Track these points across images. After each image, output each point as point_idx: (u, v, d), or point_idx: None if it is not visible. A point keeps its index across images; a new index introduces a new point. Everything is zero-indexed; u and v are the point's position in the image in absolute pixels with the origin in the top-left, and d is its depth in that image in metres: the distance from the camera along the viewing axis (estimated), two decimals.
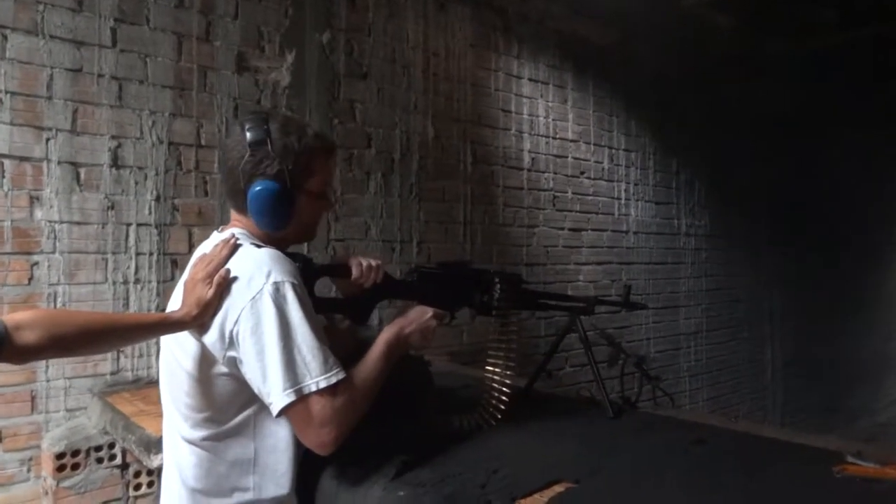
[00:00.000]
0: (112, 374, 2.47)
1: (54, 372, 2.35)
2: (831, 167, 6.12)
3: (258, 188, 1.22)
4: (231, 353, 1.16)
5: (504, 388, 1.58)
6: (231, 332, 1.15)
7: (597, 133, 4.63)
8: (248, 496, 1.23)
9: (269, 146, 1.22)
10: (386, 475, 1.32)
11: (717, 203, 5.63)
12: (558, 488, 1.26)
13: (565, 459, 1.41)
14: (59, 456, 2.17)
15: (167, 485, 1.31)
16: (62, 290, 2.38)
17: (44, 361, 2.33)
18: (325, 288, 1.49)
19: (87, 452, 2.21)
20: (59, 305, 2.35)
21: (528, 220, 4.09)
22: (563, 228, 4.32)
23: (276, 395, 1.12)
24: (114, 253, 2.49)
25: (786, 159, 5.80)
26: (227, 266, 1.19)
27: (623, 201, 4.83)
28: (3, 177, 2.28)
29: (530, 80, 4.16)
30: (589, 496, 1.22)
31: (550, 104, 4.28)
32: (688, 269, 5.44)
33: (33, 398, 2.32)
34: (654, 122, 5.02)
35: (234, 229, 1.29)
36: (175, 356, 1.25)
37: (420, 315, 1.39)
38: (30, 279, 2.32)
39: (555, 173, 4.28)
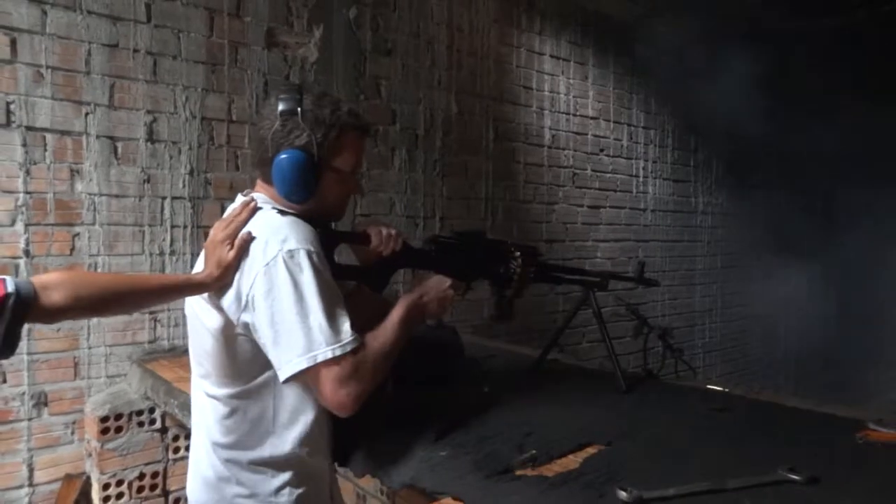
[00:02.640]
0: (150, 342, 2.56)
1: (95, 339, 2.45)
2: (853, 146, 6.08)
3: (283, 156, 1.21)
4: (245, 317, 1.16)
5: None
6: (247, 295, 1.16)
7: (616, 110, 4.64)
8: (266, 453, 1.25)
9: (300, 116, 1.21)
10: (427, 438, 1.39)
11: (734, 181, 5.63)
12: (591, 450, 1.33)
13: (594, 425, 1.48)
14: (104, 419, 2.27)
15: (195, 438, 1.36)
16: (102, 261, 2.46)
17: (85, 330, 2.42)
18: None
19: (130, 416, 2.31)
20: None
21: (547, 196, 4.13)
22: (582, 205, 4.36)
23: (286, 363, 1.13)
24: (150, 225, 2.57)
25: (806, 138, 5.77)
26: (247, 228, 1.20)
27: (641, 179, 4.85)
28: (46, 150, 2.34)
29: (552, 56, 4.16)
30: (621, 457, 1.28)
31: (571, 81, 4.29)
32: (704, 247, 5.47)
33: (76, 364, 2.41)
34: (673, 99, 5.01)
35: (256, 194, 1.30)
36: (199, 316, 1.27)
37: (438, 284, 1.39)
38: (71, 250, 2.40)
39: (575, 150, 4.31)
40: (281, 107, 1.22)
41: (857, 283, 6.14)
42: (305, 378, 1.17)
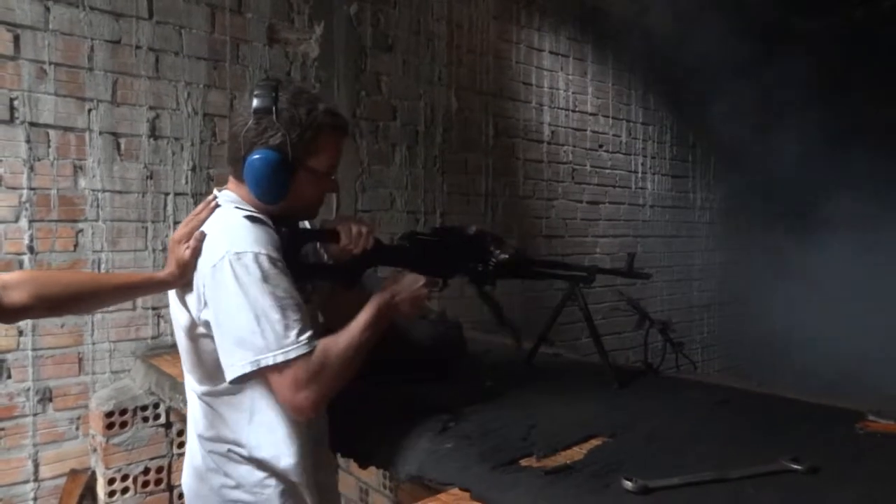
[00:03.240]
0: (153, 338, 2.58)
1: (99, 335, 2.46)
2: (851, 144, 6.10)
3: (256, 156, 1.19)
4: (205, 315, 1.17)
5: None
6: (202, 293, 1.17)
7: (615, 106, 4.66)
8: (244, 452, 1.24)
9: (275, 115, 1.19)
10: (432, 430, 1.41)
11: (732, 177, 5.65)
12: (595, 442, 1.35)
13: (597, 417, 1.50)
14: (108, 415, 2.28)
15: (188, 429, 1.37)
16: (105, 257, 2.47)
17: (89, 325, 2.43)
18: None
19: (134, 412, 2.32)
20: (102, 271, 2.44)
21: (547, 192, 4.15)
22: (581, 201, 4.38)
23: (229, 365, 1.14)
24: (153, 221, 2.58)
25: (804, 135, 5.80)
26: (202, 228, 1.20)
27: (640, 175, 4.87)
28: (49, 146, 2.35)
29: (551, 52, 4.18)
30: (624, 448, 1.30)
31: (570, 77, 4.31)
32: (702, 243, 5.50)
33: (80, 360, 2.42)
34: (671, 95, 5.03)
35: (225, 192, 1.29)
36: (174, 314, 1.29)
37: (411, 283, 1.35)
38: (75, 246, 2.41)
39: (574, 146, 4.33)
40: (255, 104, 1.19)
41: (861, 280, 6.17)
42: (256, 380, 1.18)
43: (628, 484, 1.08)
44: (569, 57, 4.30)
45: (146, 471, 2.34)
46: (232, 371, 1.13)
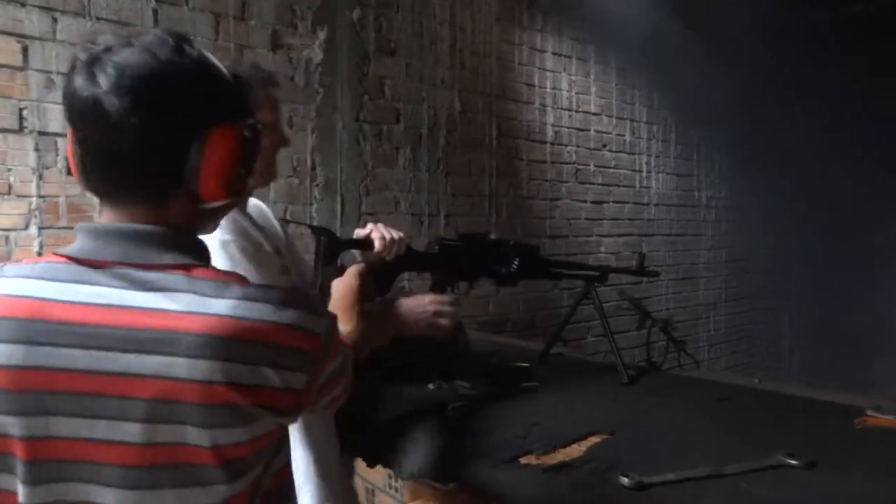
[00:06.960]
0: None
1: None
2: (857, 140, 6.08)
3: None
4: None
5: None
6: None
7: (619, 106, 4.66)
8: None
9: None
10: (433, 428, 1.44)
11: (737, 175, 5.65)
12: (595, 439, 1.37)
13: (598, 415, 1.52)
14: None
15: None
16: None
17: None
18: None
19: None
20: None
21: (551, 193, 4.16)
22: (585, 201, 4.39)
23: None
24: None
25: (809, 131, 5.79)
26: None
27: (644, 174, 4.88)
28: (57, 155, 2.39)
29: (553, 53, 4.19)
30: (625, 445, 1.32)
31: (573, 78, 4.32)
32: (707, 241, 5.50)
33: None
34: (675, 94, 5.03)
35: None
36: None
37: (417, 306, 1.37)
38: None
39: (577, 146, 4.34)
40: None
41: (867, 276, 6.16)
42: None
43: (625, 480, 1.10)
44: (571, 57, 4.31)
45: None
46: None
